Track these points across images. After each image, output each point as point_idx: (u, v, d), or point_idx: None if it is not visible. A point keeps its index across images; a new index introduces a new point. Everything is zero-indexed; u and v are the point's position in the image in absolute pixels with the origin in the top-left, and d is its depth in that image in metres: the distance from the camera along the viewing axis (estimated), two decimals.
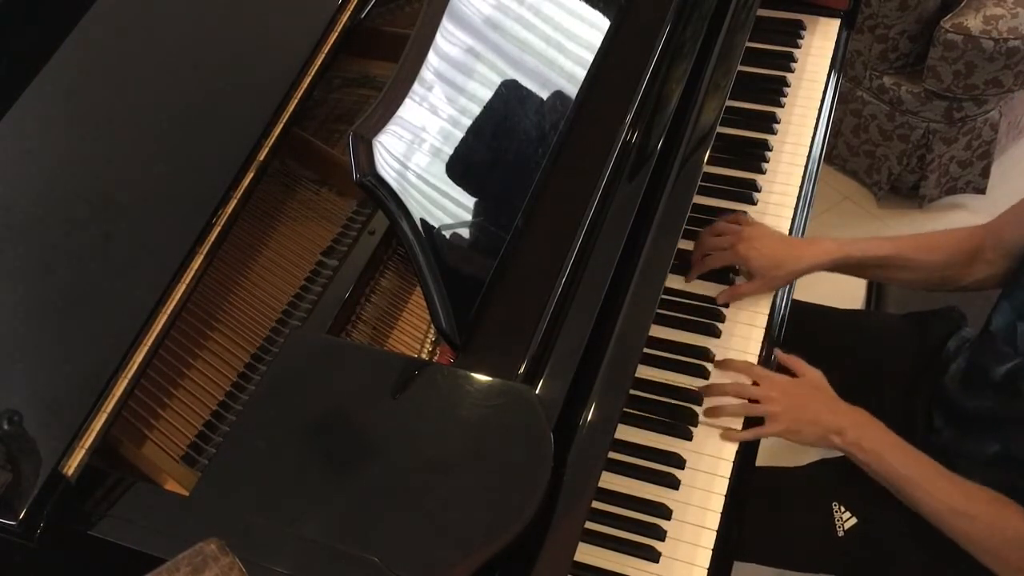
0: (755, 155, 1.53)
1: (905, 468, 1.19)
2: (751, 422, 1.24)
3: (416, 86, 1.09)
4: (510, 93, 1.17)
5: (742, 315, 1.36)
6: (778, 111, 1.59)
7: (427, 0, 1.17)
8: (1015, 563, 1.13)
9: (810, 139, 1.56)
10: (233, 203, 1.09)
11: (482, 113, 1.14)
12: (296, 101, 1.15)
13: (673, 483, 1.19)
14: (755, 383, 1.26)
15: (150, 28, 1.24)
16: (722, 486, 1.20)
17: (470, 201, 1.11)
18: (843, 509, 1.33)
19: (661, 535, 1.15)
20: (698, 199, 1.39)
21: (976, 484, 1.17)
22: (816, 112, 1.59)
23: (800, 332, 1.45)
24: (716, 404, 1.25)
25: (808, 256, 1.37)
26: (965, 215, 2.62)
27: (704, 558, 1.14)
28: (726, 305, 1.36)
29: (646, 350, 1.23)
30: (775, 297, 1.38)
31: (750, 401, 1.24)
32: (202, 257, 1.06)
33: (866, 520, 1.32)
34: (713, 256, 1.38)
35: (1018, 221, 1.29)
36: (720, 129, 1.44)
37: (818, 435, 1.22)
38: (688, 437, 1.23)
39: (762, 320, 1.36)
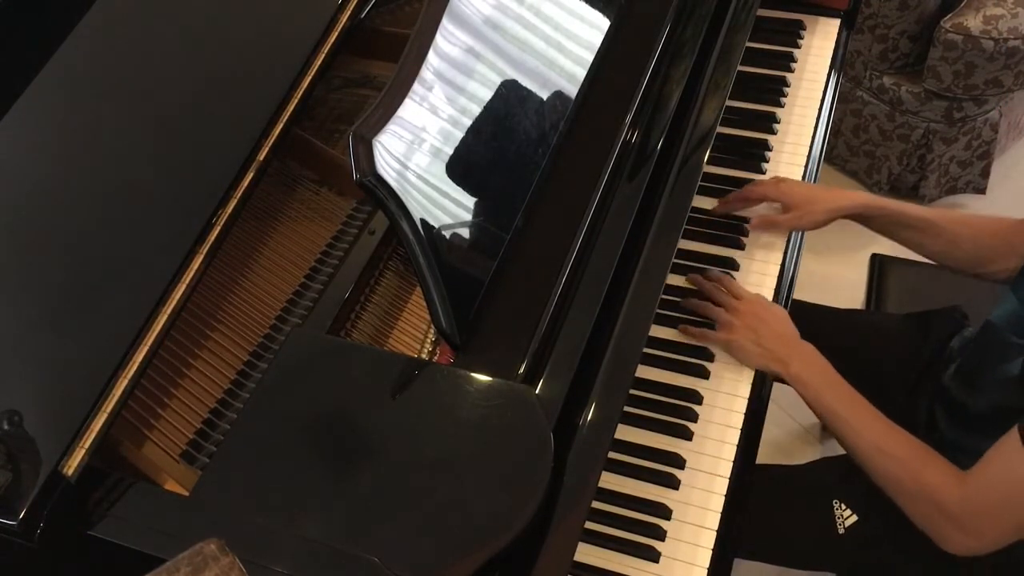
0: (755, 155, 1.53)
1: (839, 405, 1.22)
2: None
3: (416, 86, 1.10)
4: (510, 93, 1.17)
5: None
6: (778, 111, 1.59)
7: (427, 0, 1.17)
8: (922, 512, 1.15)
9: (810, 139, 1.56)
10: (233, 203, 1.09)
11: (482, 113, 1.14)
12: (296, 101, 1.15)
13: (673, 483, 1.19)
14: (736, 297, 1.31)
15: (150, 28, 1.24)
16: (722, 486, 1.20)
17: (470, 201, 1.11)
18: (844, 507, 1.33)
19: (661, 535, 1.15)
20: (698, 199, 1.39)
21: (907, 432, 1.20)
22: (816, 112, 1.59)
23: (800, 332, 1.45)
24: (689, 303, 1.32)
25: (843, 197, 1.42)
26: None
27: (704, 558, 1.14)
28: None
29: (646, 350, 1.23)
30: (775, 297, 1.38)
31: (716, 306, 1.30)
32: (202, 257, 1.06)
33: (867, 518, 1.32)
34: (751, 186, 1.43)
35: None
36: (720, 129, 1.45)
37: (763, 359, 1.26)
38: (688, 437, 1.23)
39: None
